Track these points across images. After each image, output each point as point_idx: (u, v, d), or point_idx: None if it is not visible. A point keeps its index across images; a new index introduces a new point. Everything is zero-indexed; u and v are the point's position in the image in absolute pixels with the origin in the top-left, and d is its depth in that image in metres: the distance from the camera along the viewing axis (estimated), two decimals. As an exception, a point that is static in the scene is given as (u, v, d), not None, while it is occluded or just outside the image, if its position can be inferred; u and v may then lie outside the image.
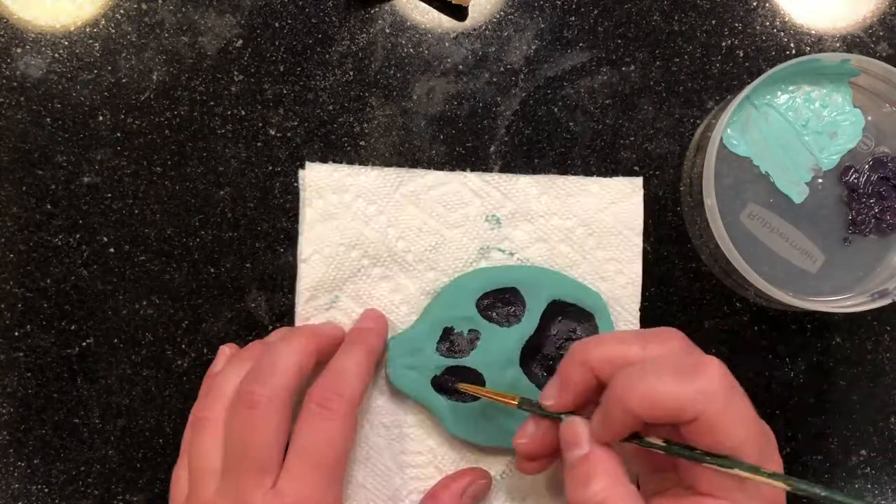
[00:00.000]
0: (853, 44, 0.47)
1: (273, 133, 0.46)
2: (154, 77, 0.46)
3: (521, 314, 0.44)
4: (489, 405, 0.43)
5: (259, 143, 0.46)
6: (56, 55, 0.46)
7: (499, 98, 0.46)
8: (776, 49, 0.47)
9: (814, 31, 0.47)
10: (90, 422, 0.45)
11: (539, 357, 0.44)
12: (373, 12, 0.47)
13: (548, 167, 0.46)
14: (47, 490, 0.45)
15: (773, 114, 0.44)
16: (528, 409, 0.38)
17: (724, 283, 0.46)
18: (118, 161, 0.46)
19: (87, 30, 0.46)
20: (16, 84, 0.46)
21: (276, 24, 0.46)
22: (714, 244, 0.42)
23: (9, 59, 0.46)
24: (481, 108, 0.46)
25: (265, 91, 0.46)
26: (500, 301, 0.44)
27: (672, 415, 0.32)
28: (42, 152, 0.46)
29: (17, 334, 0.45)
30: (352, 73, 0.46)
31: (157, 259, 0.46)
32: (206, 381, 0.43)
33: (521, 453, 0.39)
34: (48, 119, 0.46)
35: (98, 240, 0.46)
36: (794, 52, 0.47)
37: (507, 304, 0.44)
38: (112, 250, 0.46)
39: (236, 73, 0.46)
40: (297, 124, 0.46)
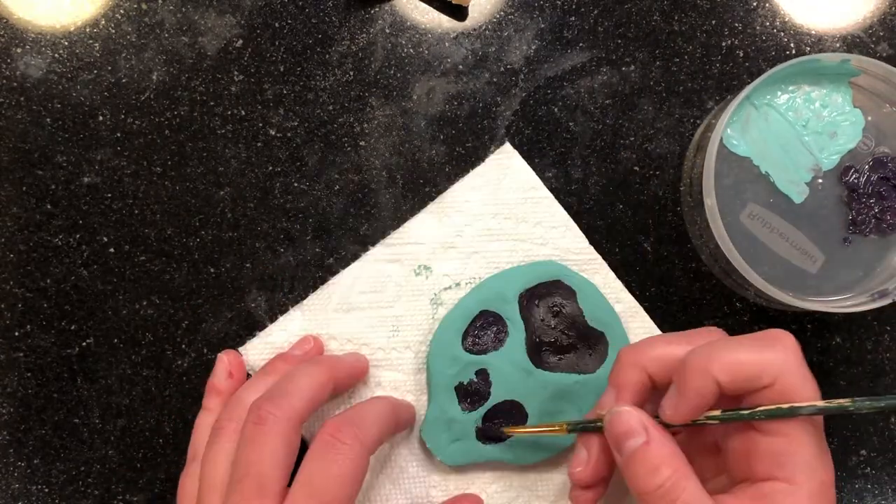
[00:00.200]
0: (853, 44, 0.47)
1: (273, 133, 0.46)
2: (154, 77, 0.46)
3: (505, 327, 0.43)
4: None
5: (259, 143, 0.46)
6: (56, 55, 0.46)
7: (499, 98, 0.46)
8: (776, 49, 0.46)
9: (814, 31, 0.47)
10: (90, 422, 0.45)
11: (545, 348, 0.43)
12: (373, 12, 0.46)
13: (548, 167, 0.46)
14: (47, 490, 0.45)
15: (773, 114, 0.44)
16: (579, 430, 0.37)
17: (724, 283, 0.45)
18: (118, 161, 0.45)
19: (87, 30, 0.46)
20: (16, 84, 0.45)
21: (276, 24, 0.46)
22: (714, 244, 0.42)
23: (9, 59, 0.46)
24: (481, 108, 0.46)
25: (265, 91, 0.46)
26: (480, 330, 0.43)
27: (752, 380, 0.32)
28: (42, 152, 0.45)
29: (17, 334, 0.45)
30: (352, 73, 0.46)
31: (157, 259, 0.45)
32: (209, 392, 0.43)
33: (578, 482, 0.37)
34: (48, 119, 0.45)
35: (98, 240, 0.45)
36: (794, 52, 0.46)
37: (489, 326, 0.43)
38: (112, 250, 0.45)
39: (236, 73, 0.46)
40: (297, 124, 0.46)
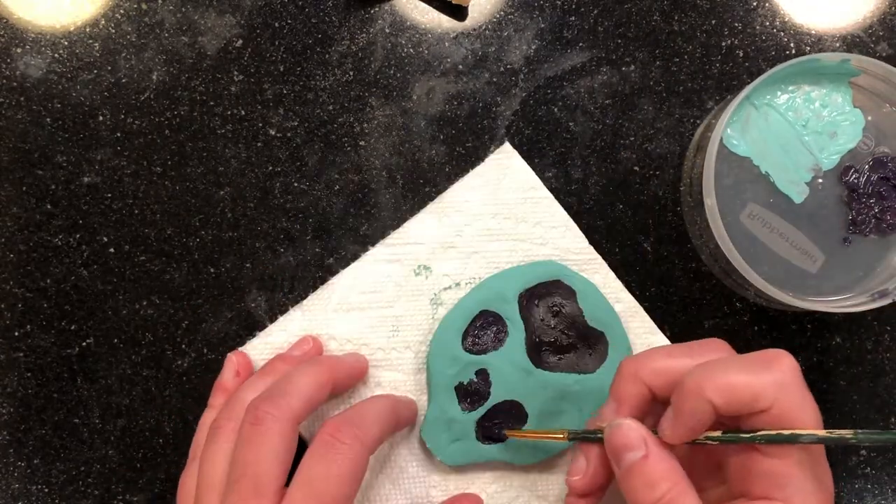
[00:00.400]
0: (853, 44, 0.46)
1: (273, 133, 0.45)
2: (154, 77, 0.45)
3: (505, 327, 0.43)
4: (535, 426, 0.42)
5: (259, 143, 0.45)
6: (56, 55, 0.45)
7: (499, 98, 0.46)
8: (776, 49, 0.46)
9: (814, 31, 0.46)
10: (90, 422, 0.44)
11: (545, 348, 0.43)
12: (373, 12, 0.46)
13: (548, 167, 0.45)
14: (47, 490, 0.44)
15: (773, 114, 0.43)
16: (579, 439, 0.37)
17: (724, 283, 0.45)
18: (118, 161, 0.45)
19: (87, 30, 0.45)
20: (16, 84, 0.45)
21: (276, 24, 0.46)
22: (714, 244, 0.41)
23: (9, 59, 0.45)
24: (481, 108, 0.46)
25: (265, 91, 0.45)
26: (480, 330, 0.43)
27: (748, 403, 0.32)
28: (42, 152, 0.45)
29: (17, 334, 0.44)
30: (352, 73, 0.46)
31: (157, 259, 0.45)
32: (216, 391, 0.42)
33: (574, 490, 0.36)
34: (48, 119, 0.45)
35: (98, 240, 0.45)
36: (794, 52, 0.46)
37: (488, 326, 0.43)
38: (112, 250, 0.45)
39: (236, 73, 0.45)
40: (297, 124, 0.45)
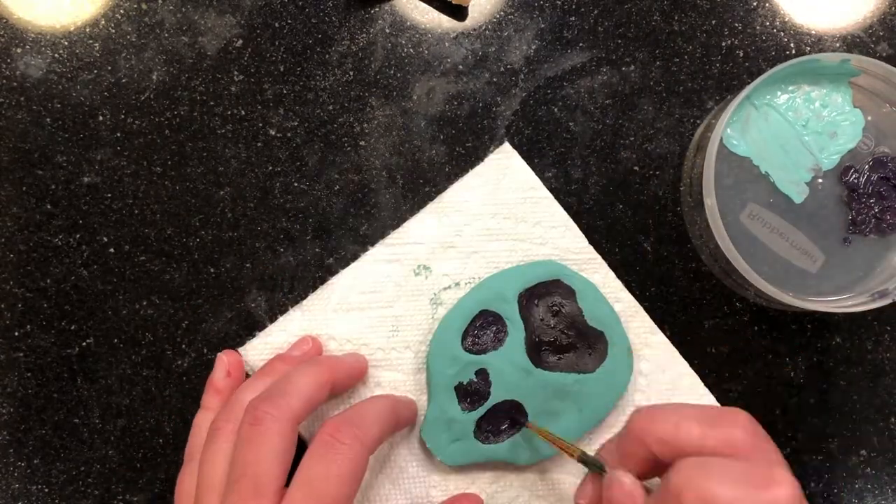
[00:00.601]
0: (853, 44, 0.46)
1: (273, 133, 0.45)
2: (154, 77, 0.45)
3: (504, 327, 0.42)
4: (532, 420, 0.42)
5: (259, 143, 0.45)
6: (56, 55, 0.45)
7: (499, 98, 0.45)
8: (776, 49, 0.45)
9: (814, 31, 0.46)
10: (90, 422, 0.44)
11: (545, 348, 0.42)
12: (373, 12, 0.45)
13: (548, 167, 0.45)
14: (47, 490, 0.44)
15: (773, 114, 0.43)
16: (587, 465, 0.37)
17: (724, 283, 0.45)
18: (118, 161, 0.44)
19: (87, 30, 0.45)
20: (16, 84, 0.45)
21: (276, 24, 0.45)
22: (714, 244, 0.41)
23: (9, 59, 0.45)
24: (481, 108, 0.45)
25: (265, 91, 0.45)
26: (480, 329, 0.42)
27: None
28: (42, 152, 0.44)
29: (17, 334, 0.44)
30: (352, 73, 0.45)
31: (157, 259, 0.44)
32: (208, 391, 0.42)
33: None
34: (48, 119, 0.44)
35: (98, 240, 0.44)
36: (794, 52, 0.45)
37: (488, 326, 0.42)
38: (112, 250, 0.44)
39: (236, 73, 0.45)
40: (297, 124, 0.45)
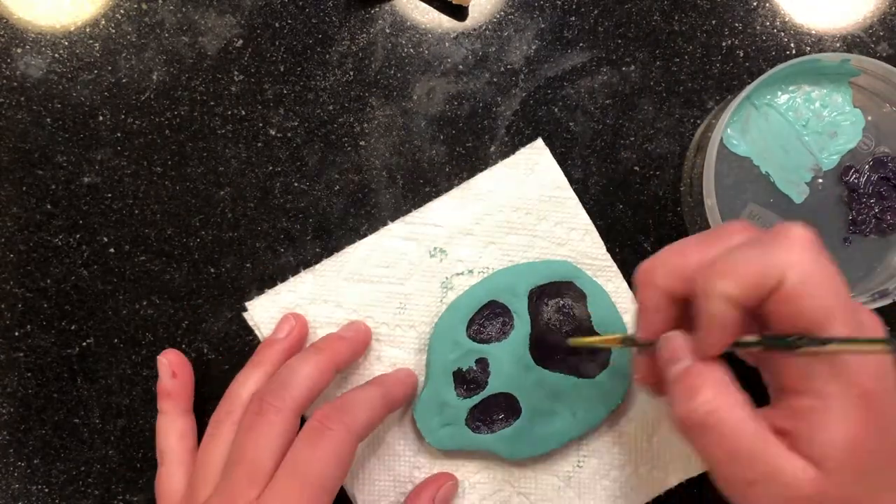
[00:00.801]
0: (853, 44, 0.45)
1: (273, 133, 0.44)
2: (154, 77, 0.44)
3: (511, 320, 0.42)
4: (527, 422, 0.41)
5: (259, 143, 0.44)
6: (56, 55, 0.44)
7: (499, 98, 0.45)
8: (776, 49, 0.45)
9: (814, 31, 0.45)
10: (90, 422, 0.43)
11: (548, 347, 0.42)
12: (373, 12, 0.45)
13: (548, 167, 0.44)
14: (47, 490, 0.43)
15: (774, 114, 0.42)
16: (629, 346, 0.36)
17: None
18: (118, 161, 0.44)
19: (87, 30, 0.44)
20: (16, 84, 0.44)
21: (276, 24, 0.45)
22: None
23: (9, 59, 0.44)
24: (481, 108, 0.45)
25: (265, 91, 0.44)
26: (486, 319, 0.42)
27: (757, 286, 0.29)
28: (42, 152, 0.44)
29: (17, 334, 0.43)
30: (352, 73, 0.44)
31: (157, 259, 0.44)
32: (161, 395, 0.41)
33: (641, 385, 0.36)
34: (48, 119, 0.44)
35: (98, 240, 0.44)
36: (794, 52, 0.45)
37: (495, 317, 0.42)
38: (112, 250, 0.44)
39: (236, 73, 0.44)
40: (297, 124, 0.44)
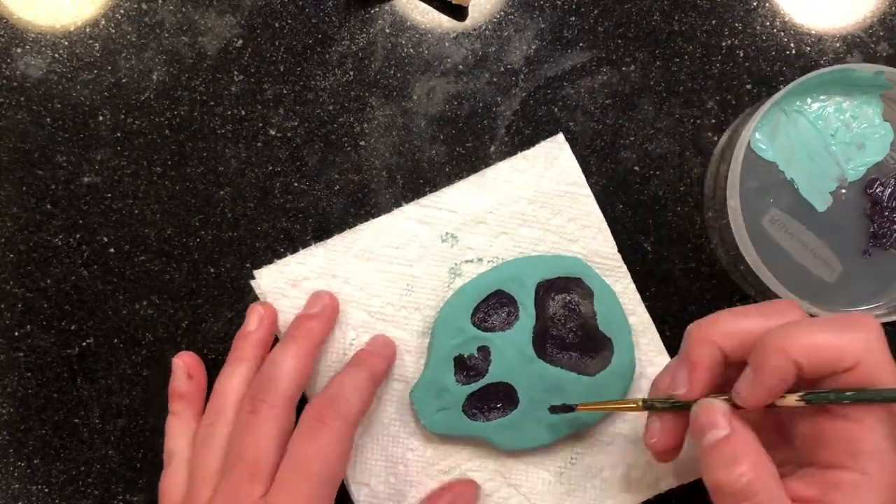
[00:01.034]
0: (853, 44, 0.44)
1: (273, 133, 0.44)
2: (154, 77, 0.44)
3: (517, 311, 0.41)
4: (523, 414, 0.41)
5: (259, 143, 0.44)
6: (56, 55, 0.44)
7: (499, 98, 0.44)
8: (776, 49, 0.44)
9: (814, 32, 0.44)
10: (90, 422, 0.43)
11: (551, 341, 0.41)
12: (373, 12, 0.44)
13: (548, 167, 0.44)
14: (47, 490, 0.43)
15: (803, 121, 0.42)
16: (655, 409, 0.35)
17: (747, 292, 0.43)
18: (118, 161, 0.43)
19: (87, 30, 0.44)
20: (16, 84, 0.43)
21: (276, 24, 0.44)
22: (735, 248, 0.40)
23: (9, 59, 0.43)
24: (481, 108, 0.44)
25: (265, 91, 0.44)
26: (492, 308, 0.41)
27: (833, 363, 0.30)
28: (42, 152, 0.43)
29: (17, 334, 0.43)
30: (352, 73, 0.44)
31: (157, 259, 0.43)
32: (173, 396, 0.41)
33: (655, 450, 0.36)
34: (48, 119, 0.43)
35: (98, 240, 0.43)
36: (793, 52, 0.44)
37: (501, 307, 0.41)
38: (112, 250, 0.43)
39: (236, 73, 0.44)
40: (297, 124, 0.44)
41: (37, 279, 0.43)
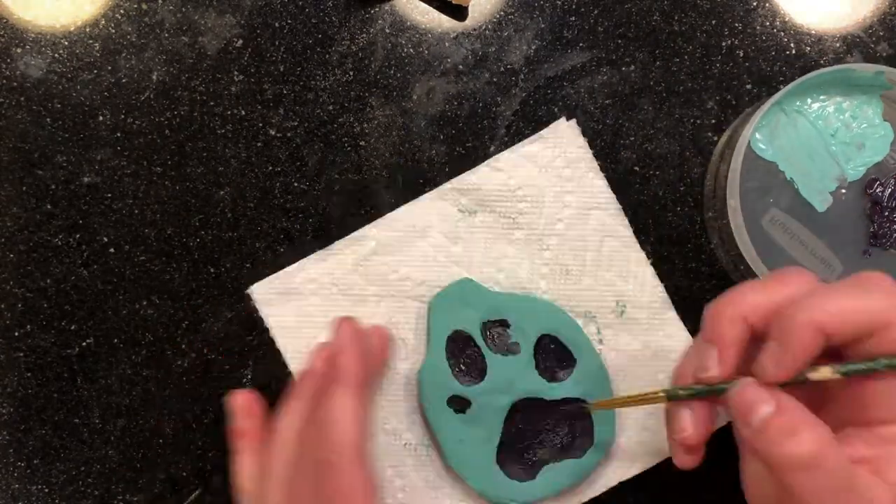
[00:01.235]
0: (853, 44, 0.44)
1: (273, 133, 0.43)
2: (154, 77, 0.43)
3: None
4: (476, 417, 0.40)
5: (259, 143, 0.43)
6: (56, 55, 0.43)
7: (499, 98, 0.43)
8: (776, 49, 0.44)
9: (814, 31, 0.44)
10: (90, 422, 0.42)
11: (527, 442, 0.41)
12: (373, 12, 0.44)
13: (548, 167, 0.43)
14: (47, 490, 0.42)
15: (803, 121, 0.41)
16: (682, 396, 0.33)
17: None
18: (118, 161, 0.43)
19: (87, 30, 0.43)
20: (16, 84, 0.43)
21: (276, 24, 0.43)
22: (735, 249, 0.39)
23: (9, 59, 0.43)
24: (481, 108, 0.43)
25: (265, 91, 0.43)
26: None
27: (863, 327, 0.29)
28: (42, 152, 0.43)
29: (17, 334, 0.42)
30: (352, 73, 0.43)
31: (157, 259, 0.43)
32: (239, 439, 0.39)
33: (685, 446, 0.33)
34: (48, 119, 0.43)
35: (98, 240, 0.43)
36: (794, 52, 0.44)
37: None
38: (112, 250, 0.43)
39: (236, 73, 0.43)
40: (297, 124, 0.43)
41: (37, 279, 0.42)
